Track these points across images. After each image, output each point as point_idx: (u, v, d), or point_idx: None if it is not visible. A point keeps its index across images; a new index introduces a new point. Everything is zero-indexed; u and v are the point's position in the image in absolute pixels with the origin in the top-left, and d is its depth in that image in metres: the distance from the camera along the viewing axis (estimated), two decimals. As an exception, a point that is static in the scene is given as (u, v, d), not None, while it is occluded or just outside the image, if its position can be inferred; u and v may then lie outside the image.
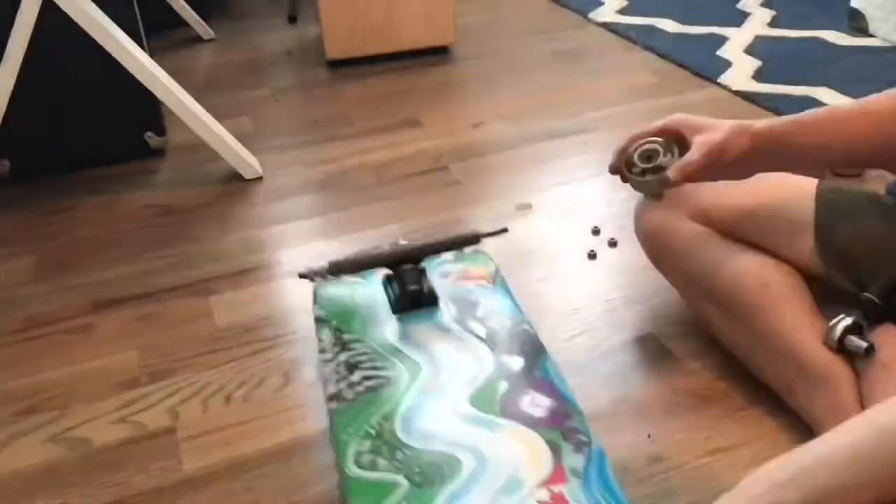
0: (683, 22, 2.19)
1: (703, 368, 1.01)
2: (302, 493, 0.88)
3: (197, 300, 1.20)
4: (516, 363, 0.89)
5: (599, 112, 1.74)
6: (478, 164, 1.56)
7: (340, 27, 1.99)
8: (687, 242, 1.01)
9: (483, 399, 0.84)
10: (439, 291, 1.01)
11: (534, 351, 0.91)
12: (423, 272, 1.01)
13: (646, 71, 1.93)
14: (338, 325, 0.98)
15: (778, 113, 1.66)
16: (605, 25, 2.23)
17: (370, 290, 1.04)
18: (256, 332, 1.13)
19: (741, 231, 0.99)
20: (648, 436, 0.92)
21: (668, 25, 2.18)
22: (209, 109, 1.52)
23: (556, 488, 0.74)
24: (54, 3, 1.34)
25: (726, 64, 1.90)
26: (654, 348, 1.06)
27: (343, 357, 0.93)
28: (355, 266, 1.02)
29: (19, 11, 1.34)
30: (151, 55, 1.53)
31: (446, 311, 0.99)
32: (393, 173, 1.53)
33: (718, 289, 0.97)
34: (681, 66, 1.93)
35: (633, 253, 1.27)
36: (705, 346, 1.04)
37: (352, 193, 1.47)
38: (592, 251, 1.26)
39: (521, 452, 0.78)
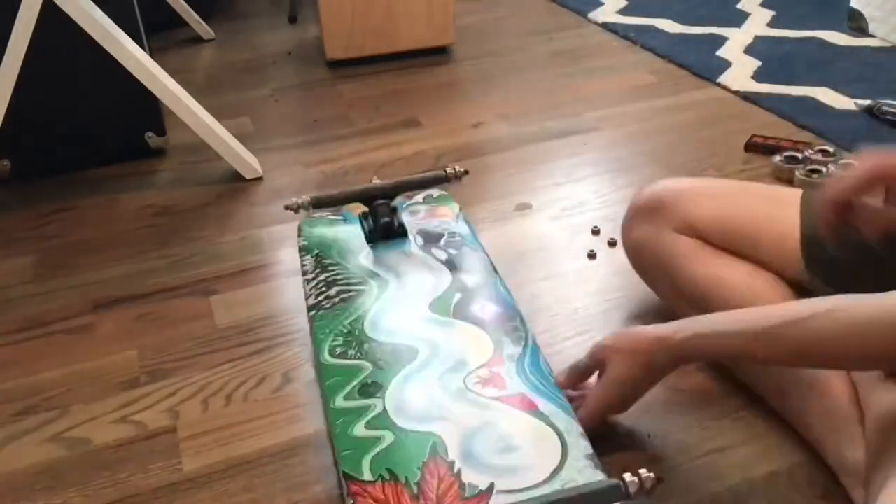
0: (683, 22, 2.19)
1: (703, 368, 1.01)
2: (302, 493, 0.88)
3: (197, 300, 1.20)
4: (471, 280, 1.04)
5: (599, 112, 1.74)
6: (478, 164, 1.56)
7: (340, 27, 1.99)
8: (674, 255, 1.01)
9: (440, 306, 0.99)
10: (408, 227, 1.14)
11: (487, 272, 1.06)
12: (394, 209, 1.14)
13: (645, 71, 1.93)
14: (318, 252, 1.13)
15: (777, 113, 1.66)
16: (604, 25, 2.23)
17: (348, 227, 1.18)
18: (256, 332, 1.13)
19: (729, 243, 0.99)
20: (648, 436, 0.92)
21: (668, 25, 2.18)
22: (209, 109, 1.52)
23: (495, 368, 0.90)
24: (54, 3, 1.34)
25: (726, 64, 1.90)
26: (653, 348, 1.06)
27: (322, 277, 1.08)
28: (335, 200, 1.16)
29: (19, 11, 1.34)
30: (151, 55, 1.53)
31: (413, 241, 1.12)
32: (393, 173, 1.53)
33: (707, 299, 0.97)
34: (680, 66, 1.93)
35: (632, 253, 1.27)
36: (705, 346, 1.04)
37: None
38: (592, 251, 1.26)
39: (468, 343, 0.93)
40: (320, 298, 1.04)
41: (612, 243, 1.28)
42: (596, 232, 1.32)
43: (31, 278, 1.28)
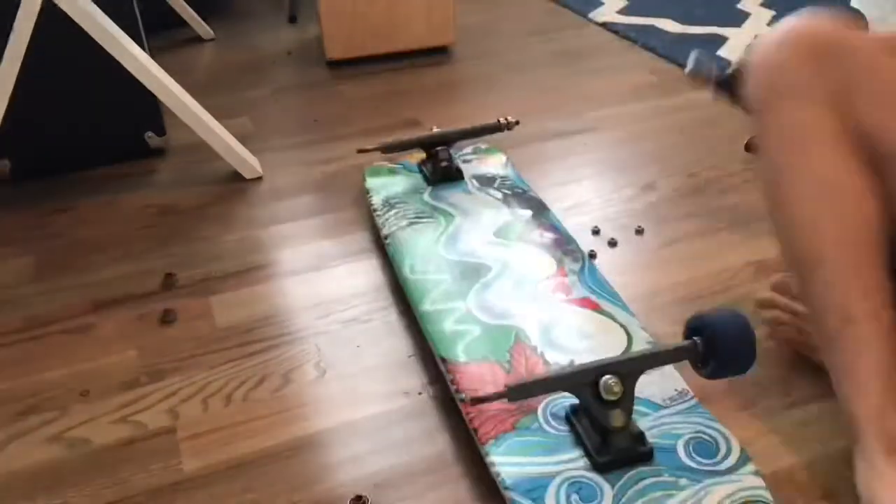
0: (683, 22, 2.19)
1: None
2: (302, 493, 0.88)
3: (197, 300, 1.20)
4: (526, 213, 1.22)
5: (599, 112, 1.74)
6: (478, 164, 1.56)
7: (340, 27, 1.99)
8: (813, 141, 0.77)
9: (504, 233, 1.18)
10: (464, 172, 1.33)
11: (539, 207, 1.24)
12: (451, 155, 1.33)
13: (646, 71, 1.93)
14: (385, 195, 1.31)
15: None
16: (605, 25, 2.23)
17: (407, 172, 1.38)
18: (256, 332, 1.13)
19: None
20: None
21: (668, 25, 2.18)
22: (209, 109, 1.52)
23: (560, 279, 1.07)
24: (54, 3, 1.34)
25: (727, 64, 1.90)
26: (654, 348, 1.06)
27: (392, 212, 1.25)
28: (402, 145, 1.35)
29: (19, 11, 1.33)
30: (151, 55, 1.53)
31: (469, 183, 1.31)
32: (393, 173, 1.53)
33: (799, 200, 0.80)
34: (681, 66, 1.93)
35: (633, 253, 1.27)
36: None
37: (351, 193, 1.47)
38: (592, 251, 1.26)
39: (533, 261, 1.11)
40: (393, 228, 1.20)
41: (612, 243, 1.28)
42: (596, 232, 1.32)
43: (31, 278, 1.28)
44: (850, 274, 0.79)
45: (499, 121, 1.39)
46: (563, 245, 1.15)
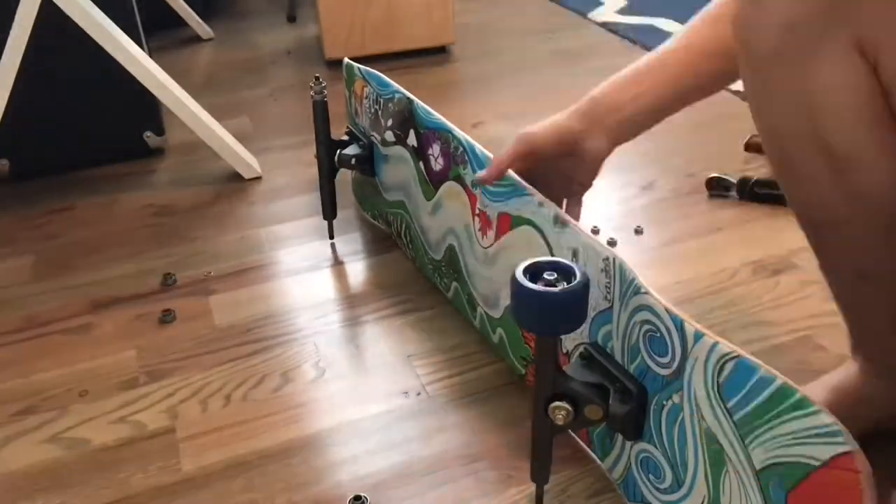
0: (683, 22, 2.18)
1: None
2: (302, 493, 0.88)
3: (196, 300, 1.20)
4: None
5: (599, 112, 1.74)
6: (477, 163, 1.56)
7: (340, 27, 1.99)
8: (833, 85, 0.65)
9: None
10: None
11: None
12: None
13: (645, 71, 1.93)
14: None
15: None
16: (604, 25, 2.23)
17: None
18: (256, 332, 1.13)
19: None
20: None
21: (668, 25, 2.18)
22: (208, 109, 1.52)
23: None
24: (53, 3, 1.34)
25: None
26: (653, 348, 1.06)
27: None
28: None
29: (18, 11, 1.33)
30: (151, 55, 1.53)
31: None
32: (392, 173, 1.53)
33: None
34: (680, 65, 1.93)
35: (632, 253, 1.27)
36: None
37: (350, 193, 1.47)
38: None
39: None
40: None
41: (611, 243, 1.28)
42: (595, 232, 1.31)
43: (29, 278, 1.28)
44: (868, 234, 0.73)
45: None
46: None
